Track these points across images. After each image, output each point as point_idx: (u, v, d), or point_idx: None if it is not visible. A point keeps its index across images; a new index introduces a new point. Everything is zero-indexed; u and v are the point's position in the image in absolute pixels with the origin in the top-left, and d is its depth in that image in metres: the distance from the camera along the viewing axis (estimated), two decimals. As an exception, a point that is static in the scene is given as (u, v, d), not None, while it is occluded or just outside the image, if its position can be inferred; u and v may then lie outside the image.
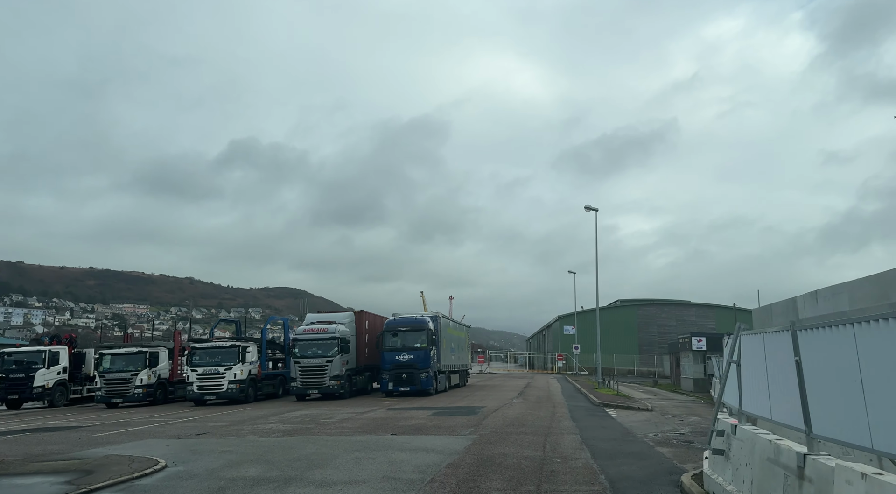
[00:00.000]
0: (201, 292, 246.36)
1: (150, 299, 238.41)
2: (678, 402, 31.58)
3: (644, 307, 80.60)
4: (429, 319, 33.36)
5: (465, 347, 43.54)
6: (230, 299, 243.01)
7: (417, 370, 31.72)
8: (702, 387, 39.14)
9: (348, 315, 33.61)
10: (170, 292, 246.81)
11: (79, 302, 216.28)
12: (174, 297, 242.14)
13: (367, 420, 20.62)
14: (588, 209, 39.08)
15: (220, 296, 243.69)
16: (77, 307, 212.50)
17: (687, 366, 40.97)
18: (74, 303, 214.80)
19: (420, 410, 24.04)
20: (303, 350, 30.84)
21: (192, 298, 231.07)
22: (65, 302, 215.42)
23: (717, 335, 40.38)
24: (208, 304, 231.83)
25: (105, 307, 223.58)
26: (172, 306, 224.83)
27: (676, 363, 47.67)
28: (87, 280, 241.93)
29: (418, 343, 32.24)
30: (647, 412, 25.22)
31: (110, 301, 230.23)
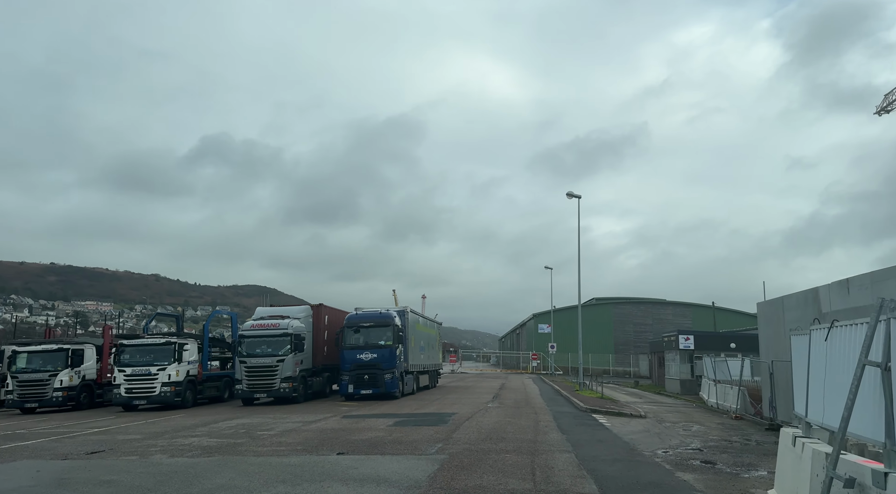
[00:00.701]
0: (167, 290, 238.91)
1: (115, 297, 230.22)
2: (669, 406, 28.35)
3: (620, 306, 77.91)
4: (395, 314, 29.66)
5: (435, 345, 39.91)
6: (197, 296, 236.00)
7: (381, 371, 28.00)
8: (689, 389, 36.09)
9: (304, 309, 29.72)
10: (135, 289, 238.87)
11: (38, 299, 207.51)
12: (139, 294, 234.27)
13: (314, 432, 16.84)
14: (570, 196, 35.80)
15: (186, 294, 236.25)
16: (36, 304, 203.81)
17: (673, 366, 37.92)
18: (34, 300, 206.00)
19: (381, 417, 20.34)
20: (250, 348, 26.89)
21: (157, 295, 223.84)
22: (23, 299, 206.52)
23: (706, 333, 37.40)
24: (174, 301, 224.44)
25: (66, 304, 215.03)
26: (137, 304, 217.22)
27: (659, 363, 44.67)
28: (47, 277, 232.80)
29: (383, 341, 28.52)
30: (641, 419, 21.88)
31: (72, 298, 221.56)
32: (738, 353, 35.62)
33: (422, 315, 35.80)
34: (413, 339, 32.14)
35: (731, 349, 35.76)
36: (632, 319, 77.22)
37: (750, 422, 22.11)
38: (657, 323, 76.80)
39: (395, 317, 29.25)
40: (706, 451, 14.28)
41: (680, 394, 35.49)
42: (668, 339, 38.60)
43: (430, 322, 38.85)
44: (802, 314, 19.57)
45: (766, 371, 22.09)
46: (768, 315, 22.34)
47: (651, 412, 24.17)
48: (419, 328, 34.35)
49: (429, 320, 38.88)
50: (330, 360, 30.32)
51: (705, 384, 31.44)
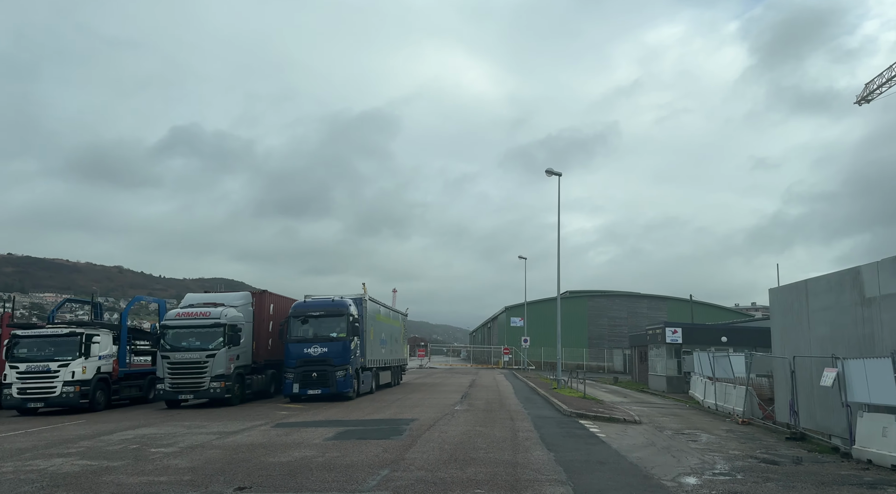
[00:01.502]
0: (130, 282, 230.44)
1: (75, 288, 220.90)
2: (661, 408, 24.74)
3: (594, 299, 74.75)
4: (350, 302, 25.51)
5: (399, 338, 35.85)
6: (161, 289, 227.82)
7: (332, 368, 23.85)
8: (677, 387, 32.65)
9: (243, 296, 25.35)
10: (96, 281, 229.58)
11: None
12: (101, 286, 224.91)
13: (225, 451, 12.66)
14: (550, 174, 32.00)
15: (150, 286, 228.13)
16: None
17: (658, 362, 34.45)
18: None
19: (321, 426, 16.23)
20: (175, 341, 22.51)
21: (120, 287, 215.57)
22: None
23: (695, 326, 34.02)
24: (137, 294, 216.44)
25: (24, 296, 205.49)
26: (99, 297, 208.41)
27: (641, 358, 41.23)
28: (4, 268, 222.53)
29: (335, 332, 24.36)
30: (637, 425, 18.14)
31: (30, 290, 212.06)
32: (730, 347, 32.28)
33: (383, 305, 31.72)
34: (372, 331, 28.04)
35: (723, 343, 32.41)
36: (606, 312, 74.14)
37: (762, 429, 18.53)
38: (632, 317, 73.87)
39: (351, 306, 25.11)
40: (742, 478, 10.50)
41: (667, 393, 32.03)
42: (653, 332, 35.13)
43: (393, 313, 34.76)
44: (836, 299, 15.99)
45: (782, 369, 18.54)
46: (785, 303, 18.75)
47: (645, 417, 20.48)
48: (380, 319, 30.25)
49: (392, 310, 34.77)
50: (275, 355, 26.05)
51: (697, 382, 27.95)
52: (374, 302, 28.71)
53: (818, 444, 15.41)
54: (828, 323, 16.20)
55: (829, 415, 15.60)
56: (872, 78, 64.58)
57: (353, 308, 25.12)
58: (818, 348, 16.49)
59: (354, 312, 25.25)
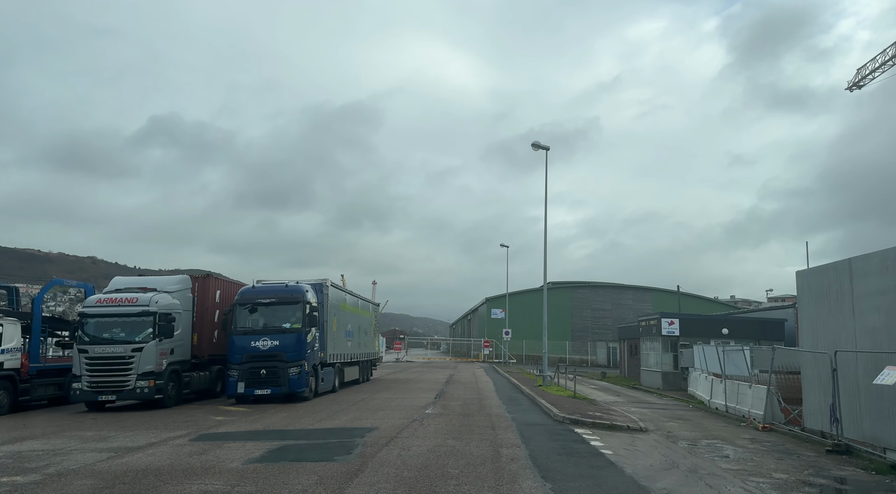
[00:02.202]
0: (104, 273, 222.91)
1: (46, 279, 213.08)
2: (663, 409, 21.61)
3: (578, 290, 71.79)
4: (308, 287, 21.97)
5: (370, 330, 32.37)
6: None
7: (284, 364, 20.33)
8: (673, 383, 29.61)
9: (180, 280, 21.64)
10: (69, 271, 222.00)
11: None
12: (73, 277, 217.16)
13: (98, 482, 9.13)
14: (537, 148, 28.67)
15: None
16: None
17: (652, 356, 31.38)
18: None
19: (252, 440, 12.73)
20: (95, 332, 18.83)
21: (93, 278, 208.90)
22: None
23: (693, 317, 31.01)
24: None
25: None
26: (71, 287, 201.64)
27: (631, 352, 38.22)
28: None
29: (288, 323, 20.83)
30: (643, 434, 14.93)
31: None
32: (731, 340, 29.34)
33: (350, 293, 28.19)
34: (336, 321, 24.54)
35: (724, 336, 29.43)
36: (590, 304, 71.28)
37: (790, 437, 15.41)
38: (616, 309, 71.17)
39: (308, 292, 21.57)
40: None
41: (662, 390, 28.99)
42: (647, 323, 32.04)
43: (362, 303, 31.24)
44: (893, 280, 12.87)
45: (815, 365, 15.41)
46: (819, 287, 15.56)
47: (649, 421, 17.28)
48: (346, 309, 26.73)
49: (362, 299, 31.24)
50: (222, 349, 22.39)
51: (699, 379, 24.89)
52: (337, 289, 25.18)
53: (870, 460, 12.29)
54: (882, 311, 13.02)
55: (884, 424, 12.48)
56: (865, 62, 62.17)
57: (310, 295, 21.60)
58: (868, 340, 13.35)
59: (313, 299, 21.73)
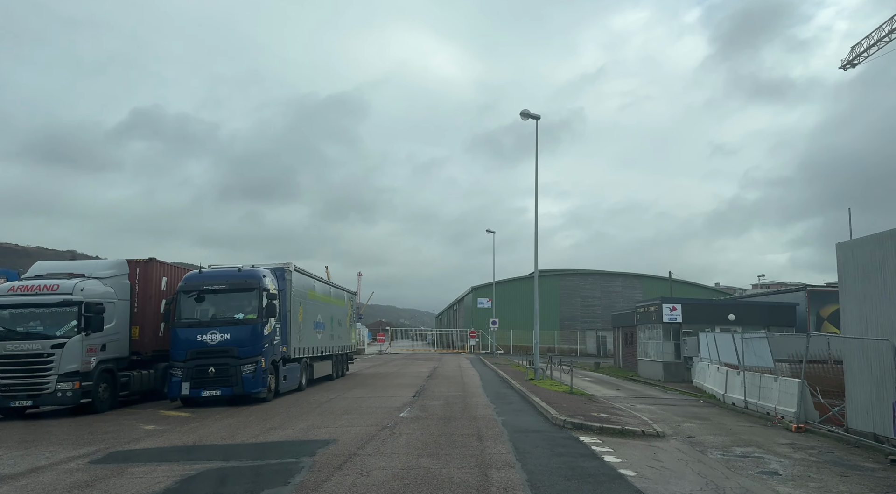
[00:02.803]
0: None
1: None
2: (672, 405, 18.94)
3: (566, 277, 69.23)
4: (266, 272, 18.98)
5: (344, 321, 29.45)
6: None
7: (237, 361, 17.35)
8: (675, 374, 27.01)
9: (115, 265, 18.48)
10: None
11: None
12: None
13: None
14: (526, 117, 25.80)
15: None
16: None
17: (652, 345, 28.74)
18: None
19: (168, 462, 9.78)
20: (7, 325, 15.74)
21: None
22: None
23: (696, 302, 28.41)
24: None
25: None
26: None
27: (626, 341, 35.62)
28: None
29: (241, 313, 17.86)
30: (661, 440, 12.21)
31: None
32: (738, 326, 26.78)
33: (319, 279, 25.18)
34: (301, 311, 21.59)
35: (730, 322, 26.85)
36: (579, 292, 68.80)
37: (834, 440, 12.77)
38: (606, 296, 68.80)
39: (265, 278, 18.58)
40: None
41: (664, 381, 26.39)
42: (646, 310, 29.37)
43: (335, 291, 28.26)
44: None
45: (863, 355, 12.75)
46: (872, 260, 12.85)
47: (663, 422, 14.58)
48: (315, 297, 23.78)
49: (334, 287, 28.24)
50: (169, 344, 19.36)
51: (707, 370, 22.29)
52: (303, 275, 22.19)
53: (955, 473, 9.65)
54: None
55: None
56: (859, 40, 59.99)
57: (268, 281, 18.61)
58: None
59: (271, 286, 18.76)
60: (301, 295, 21.70)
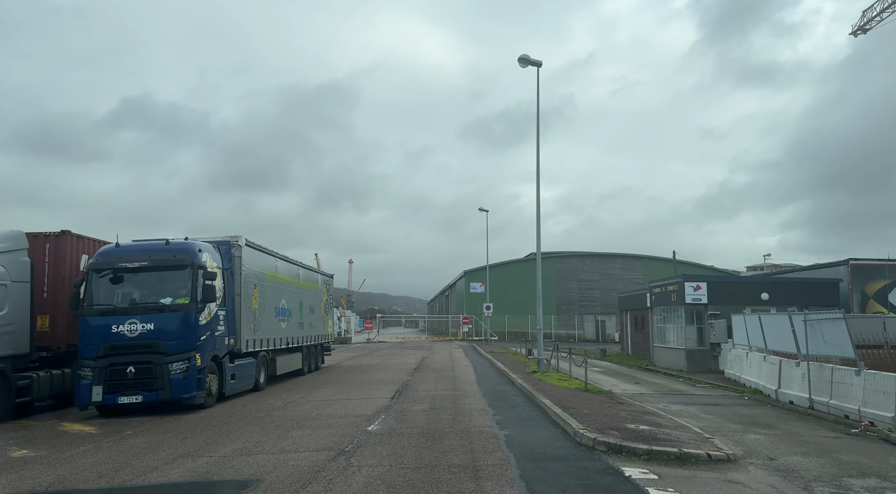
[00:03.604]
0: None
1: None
2: (712, 405, 15.14)
3: (563, 260, 65.39)
4: (203, 246, 14.98)
5: (319, 307, 25.53)
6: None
7: (163, 357, 13.38)
8: (700, 363, 23.27)
9: (6, 238, 14.41)
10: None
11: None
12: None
13: None
14: (525, 64, 21.80)
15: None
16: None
17: (671, 330, 24.96)
18: None
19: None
20: None
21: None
22: None
23: (725, 281, 24.55)
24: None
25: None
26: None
27: (636, 325, 31.87)
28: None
29: (169, 297, 13.88)
30: (733, 467, 8.40)
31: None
32: (772, 307, 23.06)
33: (282, 257, 21.06)
34: (257, 295, 17.64)
35: (763, 303, 23.09)
36: (576, 274, 65.03)
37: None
38: (605, 279, 65.09)
39: (202, 253, 14.58)
40: None
41: (687, 372, 22.65)
42: (663, 290, 25.52)
43: (306, 272, 24.23)
44: None
45: None
46: None
47: (718, 434, 10.76)
48: (277, 279, 19.82)
49: (304, 267, 24.15)
50: (89, 336, 15.32)
51: (742, 360, 18.54)
52: (259, 251, 18.14)
53: None
54: None
55: None
56: (871, 3, 56.16)
57: (205, 257, 14.63)
58: None
59: (211, 263, 14.79)
60: (257, 276, 17.74)
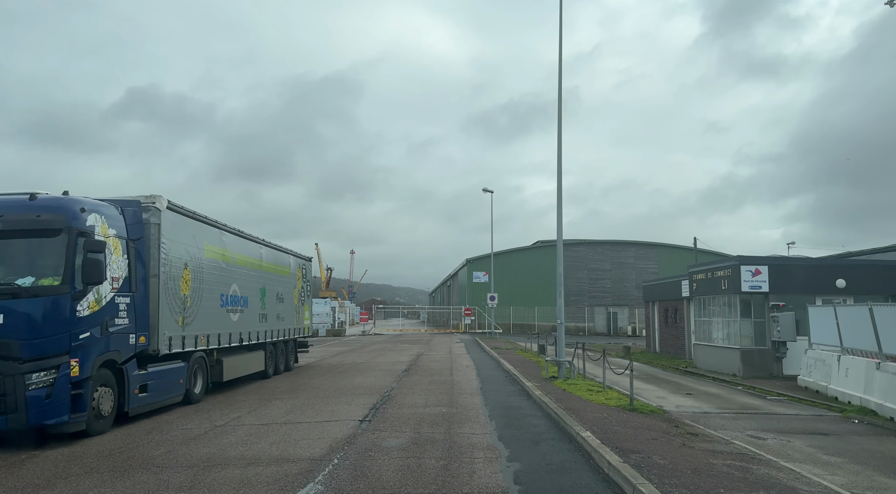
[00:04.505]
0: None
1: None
2: (824, 435, 10.50)
3: (572, 248, 60.63)
4: (88, 204, 10.40)
5: (289, 295, 21.02)
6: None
7: (16, 366, 8.85)
8: (759, 366, 18.62)
9: None
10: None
11: None
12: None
13: None
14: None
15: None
16: None
17: (720, 325, 20.30)
18: None
19: None
20: None
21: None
22: None
23: (792, 264, 19.77)
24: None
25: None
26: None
27: (667, 318, 27.24)
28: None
29: (31, 277, 9.34)
30: None
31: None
32: (848, 296, 18.43)
33: (232, 230, 16.31)
34: (189, 278, 13.08)
35: (838, 291, 18.43)
36: (586, 264, 60.43)
37: None
38: (617, 268, 60.54)
39: (84, 215, 10.02)
40: None
41: (742, 377, 18.05)
42: (709, 276, 20.84)
43: (269, 251, 19.56)
44: None
45: None
46: None
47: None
48: (222, 258, 15.26)
49: (267, 246, 19.42)
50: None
51: (832, 365, 13.90)
52: (191, 219, 13.50)
53: None
54: None
55: None
56: (912, -31, 51.04)
57: (91, 220, 10.09)
58: None
59: (104, 229, 10.27)
60: (188, 252, 13.18)
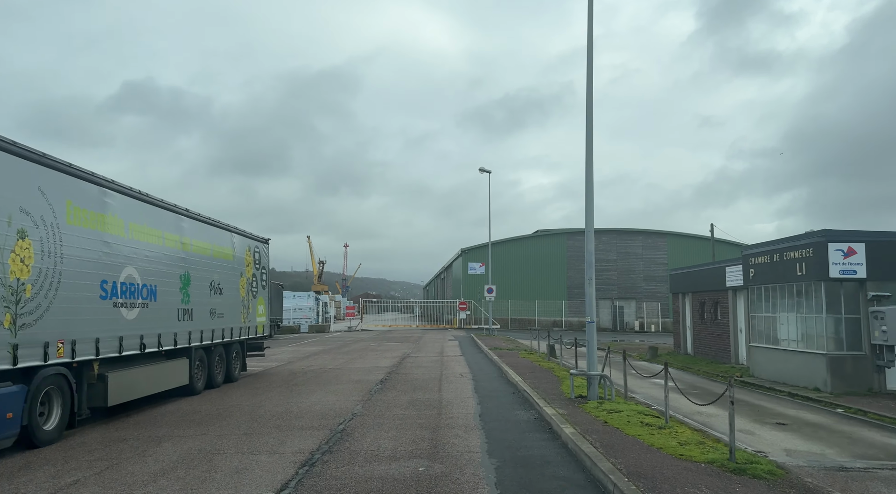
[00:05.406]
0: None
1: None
2: None
3: (575, 237, 55.88)
4: None
5: (233, 285, 16.19)
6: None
7: None
8: (853, 380, 13.84)
9: None
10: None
11: None
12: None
13: None
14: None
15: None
16: None
17: (791, 322, 15.51)
18: None
19: None
20: None
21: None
22: None
23: (890, 240, 14.98)
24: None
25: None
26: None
27: (703, 314, 22.47)
28: None
29: None
30: None
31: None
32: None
33: (130, 192, 11.48)
34: (30, 253, 8.23)
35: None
36: (590, 254, 55.56)
37: None
38: (623, 258, 55.87)
39: None
40: None
41: (830, 393, 13.37)
42: (776, 258, 15.92)
43: (202, 226, 14.71)
44: None
45: None
46: None
47: None
48: (102, 227, 10.44)
49: (197, 219, 14.54)
50: None
51: None
52: (22, 158, 8.62)
53: None
54: None
55: None
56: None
57: None
58: None
59: None
60: (30, 214, 8.35)
